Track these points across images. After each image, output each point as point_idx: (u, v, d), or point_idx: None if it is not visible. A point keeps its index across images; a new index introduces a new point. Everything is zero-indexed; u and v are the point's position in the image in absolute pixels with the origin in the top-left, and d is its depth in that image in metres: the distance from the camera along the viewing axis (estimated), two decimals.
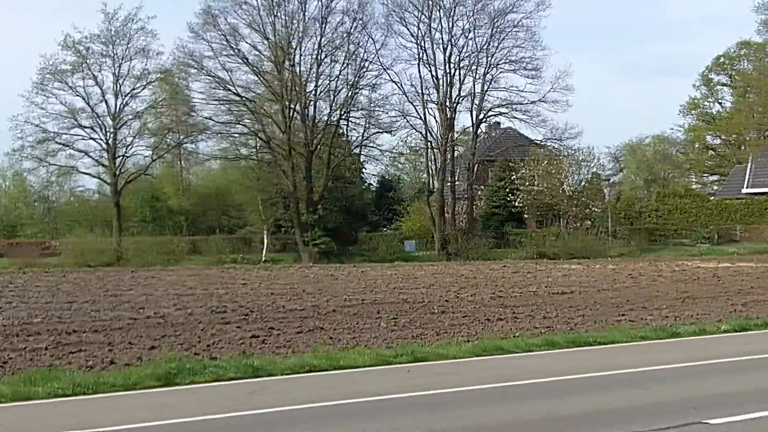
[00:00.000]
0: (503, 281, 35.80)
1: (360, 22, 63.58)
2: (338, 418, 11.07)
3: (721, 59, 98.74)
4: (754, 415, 10.61)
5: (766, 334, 18.82)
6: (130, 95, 63.98)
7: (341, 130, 66.60)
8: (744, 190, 74.05)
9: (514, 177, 69.25)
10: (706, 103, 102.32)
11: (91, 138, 63.22)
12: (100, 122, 63.25)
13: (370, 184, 78.70)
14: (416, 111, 66.23)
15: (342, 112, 64.39)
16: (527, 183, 68.13)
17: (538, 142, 70.53)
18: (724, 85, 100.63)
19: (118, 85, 63.49)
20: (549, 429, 10.32)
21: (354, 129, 67.18)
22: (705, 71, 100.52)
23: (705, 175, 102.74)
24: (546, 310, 24.13)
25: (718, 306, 24.62)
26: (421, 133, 66.92)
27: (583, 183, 70.71)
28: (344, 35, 63.20)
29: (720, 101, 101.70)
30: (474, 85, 67.31)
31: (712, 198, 77.17)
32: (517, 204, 69.12)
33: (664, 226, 70.78)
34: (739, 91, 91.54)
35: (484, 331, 19.65)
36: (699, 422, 10.34)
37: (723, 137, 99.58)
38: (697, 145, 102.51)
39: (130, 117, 64.51)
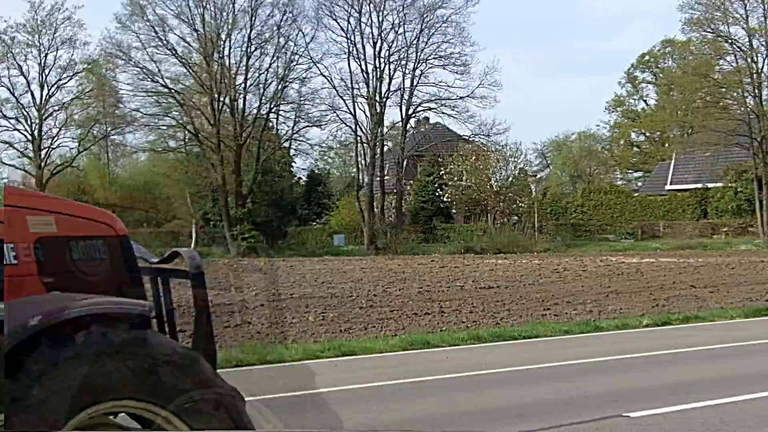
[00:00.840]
0: (431, 276, 36.06)
1: (290, 15, 63.60)
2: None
3: (646, 57, 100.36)
4: (674, 408, 10.84)
5: (687, 328, 19.25)
6: (56, 86, 63.28)
7: (271, 124, 66.52)
8: (667, 187, 75.41)
9: (442, 172, 69.75)
10: (631, 100, 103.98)
11: (15, 129, 62.40)
12: (25, 113, 62.51)
13: (299, 178, 78.72)
14: (346, 105, 66.44)
15: (271, 106, 64.33)
16: (455, 178, 68.67)
17: (466, 137, 71.11)
18: (648, 82, 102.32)
19: (44, 76, 62.74)
20: (473, 422, 10.48)
21: (284, 123, 67.27)
22: (630, 69, 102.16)
23: (629, 171, 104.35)
24: (472, 304, 24.39)
25: (641, 301, 25.04)
26: (350, 127, 67.12)
27: (510, 179, 71.47)
28: (274, 28, 63.23)
29: (645, 99, 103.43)
30: (403, 79, 67.73)
31: (636, 194, 78.50)
32: (445, 199, 69.63)
33: (589, 221, 71.84)
34: (663, 89, 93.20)
35: (412, 325, 19.84)
36: (619, 415, 10.55)
37: (647, 134, 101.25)
38: (622, 142, 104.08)
39: (56, 108, 63.81)
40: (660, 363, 14.57)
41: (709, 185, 70.32)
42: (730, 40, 62.74)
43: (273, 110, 65.10)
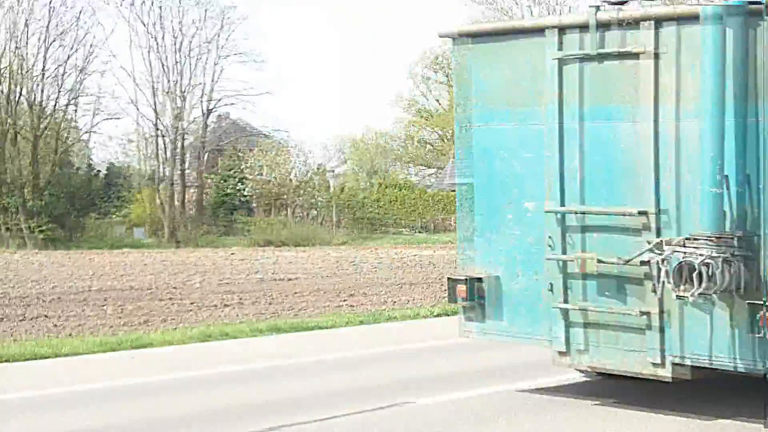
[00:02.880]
0: (231, 268, 36.15)
1: (90, 6, 62.27)
2: (56, 407, 11.22)
3: (438, 57, 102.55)
4: (460, 395, 11.40)
5: None
6: None
7: (69, 116, 64.91)
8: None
9: (243, 166, 69.75)
10: (424, 99, 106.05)
11: None
12: None
13: (98, 170, 77.01)
14: (146, 99, 65.51)
15: (70, 98, 62.79)
16: (255, 172, 68.76)
17: (266, 132, 71.35)
18: (441, 82, 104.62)
19: None
20: (269, 413, 10.81)
21: (83, 115, 65.71)
22: (423, 68, 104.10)
23: (423, 167, 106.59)
24: (272, 296, 24.69)
25: (433, 292, 25.76)
26: (151, 120, 66.19)
27: (309, 173, 72.13)
28: (73, 19, 61.70)
29: (437, 99, 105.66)
30: (204, 74, 67.34)
31: (429, 190, 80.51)
32: (245, 193, 69.64)
33: (385, 216, 73.18)
34: (452, 89, 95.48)
35: (211, 317, 20.03)
36: (407, 402, 11.06)
37: (439, 132, 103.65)
38: (415, 139, 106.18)
39: None
40: (450, 351, 15.00)
41: None
42: None
43: (72, 102, 63.63)
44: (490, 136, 10.82)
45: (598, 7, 9.94)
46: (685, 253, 9.09)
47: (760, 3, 9.06)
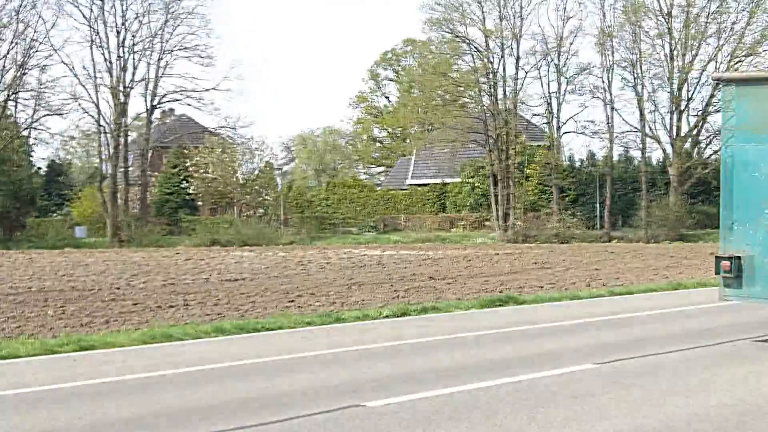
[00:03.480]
0: (175, 268, 35.76)
1: (29, 0, 61.33)
2: None
3: (388, 55, 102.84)
4: (409, 397, 11.22)
5: (424, 318, 19.95)
6: None
7: (9, 112, 63.92)
8: (408, 182, 77.77)
9: (188, 164, 69.20)
10: (373, 96, 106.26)
11: None
12: None
13: (39, 168, 76.01)
14: (88, 94, 64.65)
15: (9, 93, 61.82)
16: (201, 170, 68.24)
17: (212, 129, 70.88)
18: (390, 80, 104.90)
19: None
20: (215, 415, 10.52)
21: (23, 110, 64.80)
22: (373, 66, 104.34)
23: (372, 166, 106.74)
24: (217, 297, 24.39)
25: (382, 292, 25.74)
26: (93, 117, 65.36)
27: (256, 171, 71.75)
28: (12, 13, 60.77)
29: (387, 96, 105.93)
30: (148, 70, 66.71)
31: (379, 188, 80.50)
32: (191, 191, 69.09)
33: (334, 214, 73.06)
34: (404, 87, 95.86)
35: (155, 318, 19.64)
36: (356, 405, 10.83)
37: (389, 130, 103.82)
38: (365, 137, 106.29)
39: None
40: (398, 353, 15.08)
41: (448, 180, 73.00)
42: (467, 41, 65.27)
43: (11, 98, 62.64)
44: (748, 153, 15.29)
45: None
46: None
47: None
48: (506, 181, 64.11)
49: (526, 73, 65.33)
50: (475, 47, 65.05)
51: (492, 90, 65.09)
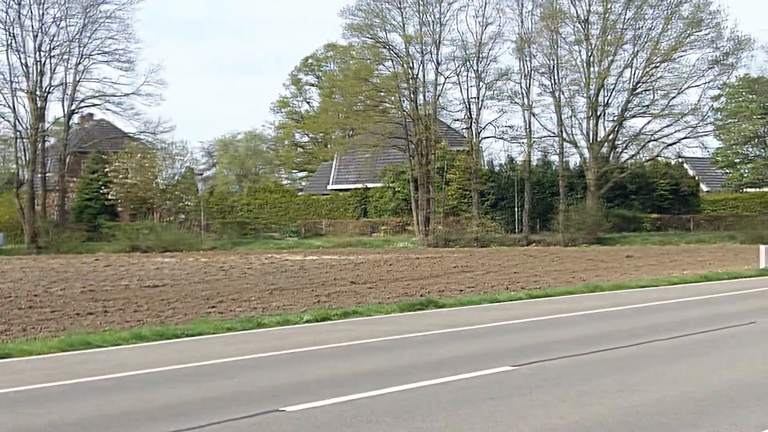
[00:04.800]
0: (95, 275, 35.39)
1: None
2: None
3: (310, 60, 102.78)
4: (330, 401, 11.24)
5: (346, 323, 20.01)
6: None
7: None
8: (329, 187, 77.83)
9: (107, 169, 68.43)
10: (295, 101, 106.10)
11: None
12: None
13: None
14: (4, 99, 63.73)
15: None
16: (121, 176, 67.53)
17: (132, 134, 70.19)
18: (312, 85, 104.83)
19: None
20: (134, 422, 10.44)
21: None
22: (294, 71, 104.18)
23: (294, 171, 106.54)
24: (137, 303, 24.21)
25: (304, 297, 25.79)
26: (9, 122, 64.55)
27: (176, 177, 71.25)
28: None
29: (308, 101, 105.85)
30: (66, 74, 65.96)
31: (301, 193, 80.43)
32: (110, 197, 68.34)
33: (256, 220, 72.84)
34: (325, 92, 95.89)
35: (73, 326, 19.43)
36: (276, 410, 10.82)
37: (311, 135, 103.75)
38: (286, 142, 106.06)
39: None
40: (319, 357, 15.12)
41: (369, 185, 73.24)
42: (388, 46, 65.59)
43: None
44: None
45: None
46: None
47: None
48: (427, 185, 64.54)
49: (446, 78, 65.99)
50: (396, 53, 65.50)
51: (413, 95, 65.53)
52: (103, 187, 68.36)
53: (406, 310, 22.20)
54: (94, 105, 68.45)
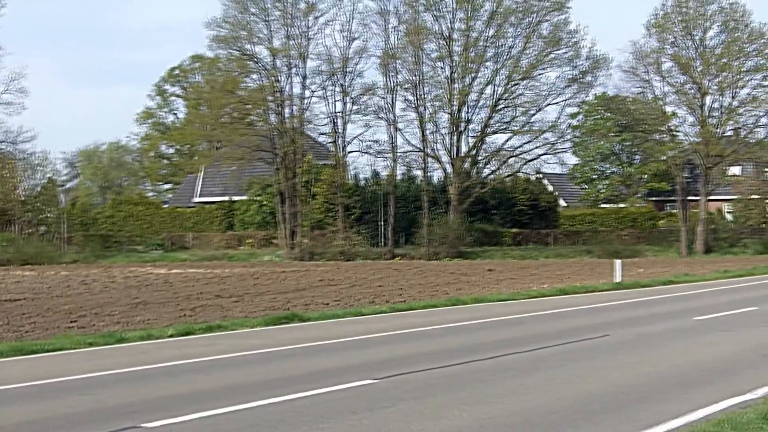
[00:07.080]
0: None
1: None
2: None
3: (176, 71, 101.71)
4: (190, 417, 11.24)
5: (209, 337, 19.93)
6: None
7: None
8: (195, 199, 77.15)
9: None
10: (161, 113, 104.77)
11: None
12: None
13: None
14: None
15: None
16: None
17: None
18: (178, 96, 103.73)
19: None
20: None
21: None
22: (160, 82, 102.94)
23: (159, 183, 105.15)
24: None
25: (168, 311, 25.48)
26: None
27: (38, 188, 69.66)
28: None
29: (174, 112, 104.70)
30: None
31: (166, 206, 79.48)
32: None
33: (119, 232, 71.63)
34: (191, 103, 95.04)
35: None
36: (135, 426, 10.77)
37: (177, 147, 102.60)
38: (152, 154, 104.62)
39: None
40: (181, 372, 15.08)
41: (235, 198, 72.88)
42: (255, 59, 65.44)
43: None
44: None
45: None
46: None
47: None
48: (293, 199, 64.58)
49: (313, 92, 66.15)
50: (263, 65, 65.37)
51: (279, 108, 65.51)
52: None
53: (271, 324, 22.24)
54: None
